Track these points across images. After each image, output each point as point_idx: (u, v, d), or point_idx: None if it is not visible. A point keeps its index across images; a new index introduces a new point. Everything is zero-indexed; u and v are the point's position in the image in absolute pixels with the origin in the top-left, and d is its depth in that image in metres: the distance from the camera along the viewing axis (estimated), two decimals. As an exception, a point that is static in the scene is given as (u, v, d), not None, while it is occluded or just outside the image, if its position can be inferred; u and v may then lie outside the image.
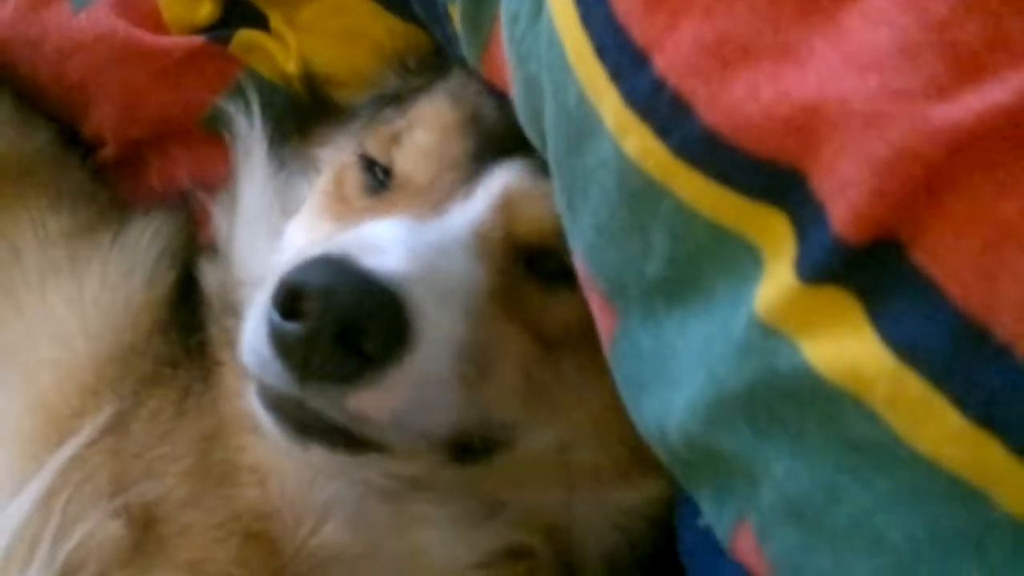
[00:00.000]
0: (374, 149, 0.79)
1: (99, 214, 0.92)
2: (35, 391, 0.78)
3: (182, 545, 0.70)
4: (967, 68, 0.43)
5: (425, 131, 0.77)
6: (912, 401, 0.45)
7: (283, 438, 0.66)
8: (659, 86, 0.51)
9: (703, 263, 0.53)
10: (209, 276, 0.84)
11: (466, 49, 0.73)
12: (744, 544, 0.56)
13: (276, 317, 0.61)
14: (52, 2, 0.99)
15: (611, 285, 0.60)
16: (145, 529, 0.71)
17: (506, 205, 0.71)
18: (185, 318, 0.83)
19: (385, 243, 0.64)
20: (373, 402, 0.62)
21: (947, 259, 0.44)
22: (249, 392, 0.67)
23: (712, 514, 0.59)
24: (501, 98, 0.72)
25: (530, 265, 0.72)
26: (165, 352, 0.80)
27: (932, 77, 0.44)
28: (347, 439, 0.64)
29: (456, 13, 0.73)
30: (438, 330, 0.63)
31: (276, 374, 0.62)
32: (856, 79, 0.45)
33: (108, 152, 0.99)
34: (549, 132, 0.61)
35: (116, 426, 0.75)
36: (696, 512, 0.64)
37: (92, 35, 0.97)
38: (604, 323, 0.62)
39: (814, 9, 0.48)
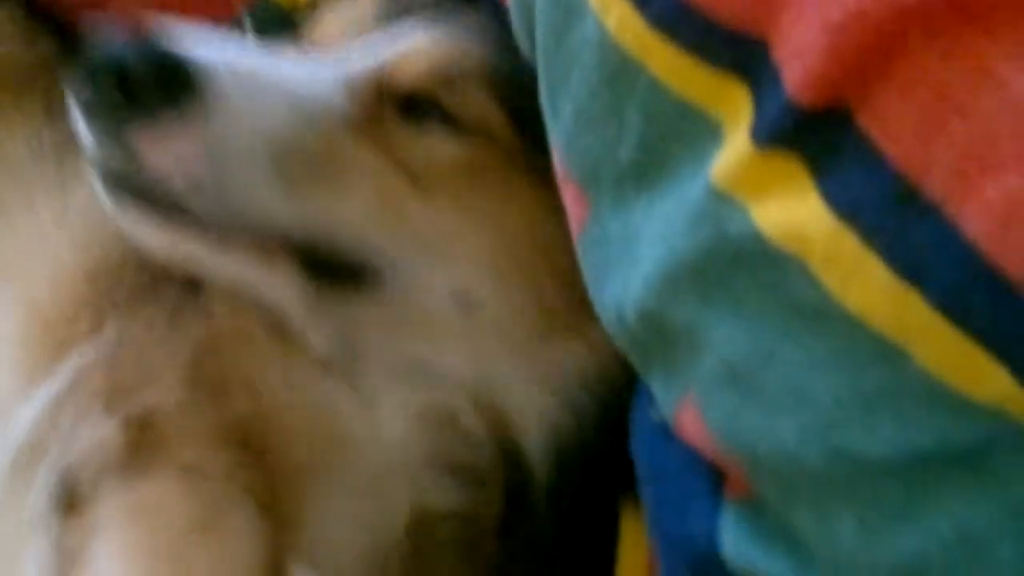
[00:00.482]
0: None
1: None
2: (32, 305, 0.80)
3: (181, 448, 0.73)
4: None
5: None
6: (847, 259, 0.46)
7: (108, 203, 0.70)
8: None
9: (671, 144, 0.55)
10: None
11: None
12: (687, 419, 0.58)
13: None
14: None
15: (585, 173, 0.62)
16: (142, 432, 0.73)
17: (396, 57, 0.76)
18: None
19: (222, 49, 0.69)
20: (152, 147, 0.66)
21: (889, 123, 0.45)
22: None
23: (662, 398, 0.61)
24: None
25: (408, 108, 0.75)
26: (156, 265, 0.81)
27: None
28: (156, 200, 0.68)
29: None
30: (240, 112, 0.67)
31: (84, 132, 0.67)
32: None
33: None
34: (538, 22, 0.63)
35: (114, 337, 0.78)
36: (648, 405, 0.66)
37: None
38: (576, 213, 0.64)
39: None
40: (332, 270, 0.73)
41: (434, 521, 0.78)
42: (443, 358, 0.78)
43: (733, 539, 0.58)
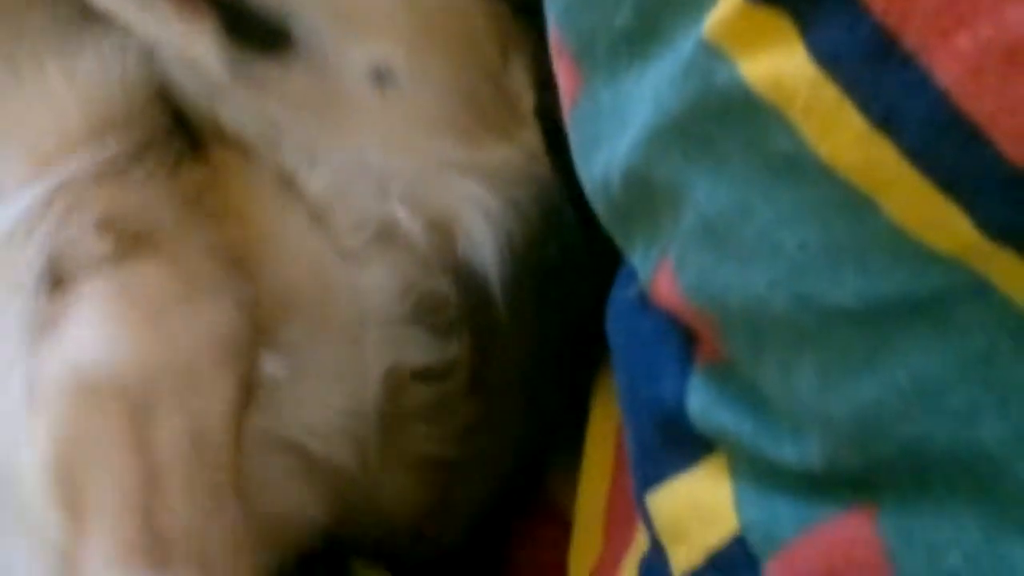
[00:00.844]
0: None
1: None
2: (37, 156, 0.82)
3: (172, 248, 0.75)
4: None
5: None
6: (825, 107, 0.48)
7: None
8: None
9: (667, 7, 0.57)
10: None
11: None
12: (663, 280, 0.60)
13: None
14: None
15: (580, 44, 0.63)
16: (133, 245, 0.76)
17: None
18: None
19: None
20: None
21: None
22: None
23: (640, 267, 0.63)
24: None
25: None
26: (161, 122, 0.85)
27: None
28: None
29: None
30: None
31: None
32: None
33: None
34: None
35: (113, 168, 0.80)
36: (625, 284, 0.68)
37: None
38: (568, 86, 0.65)
39: None
40: (252, 32, 0.75)
41: (406, 381, 0.80)
42: (366, 148, 0.80)
43: (701, 400, 0.60)
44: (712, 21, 0.53)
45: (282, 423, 0.78)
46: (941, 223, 0.46)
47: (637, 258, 0.63)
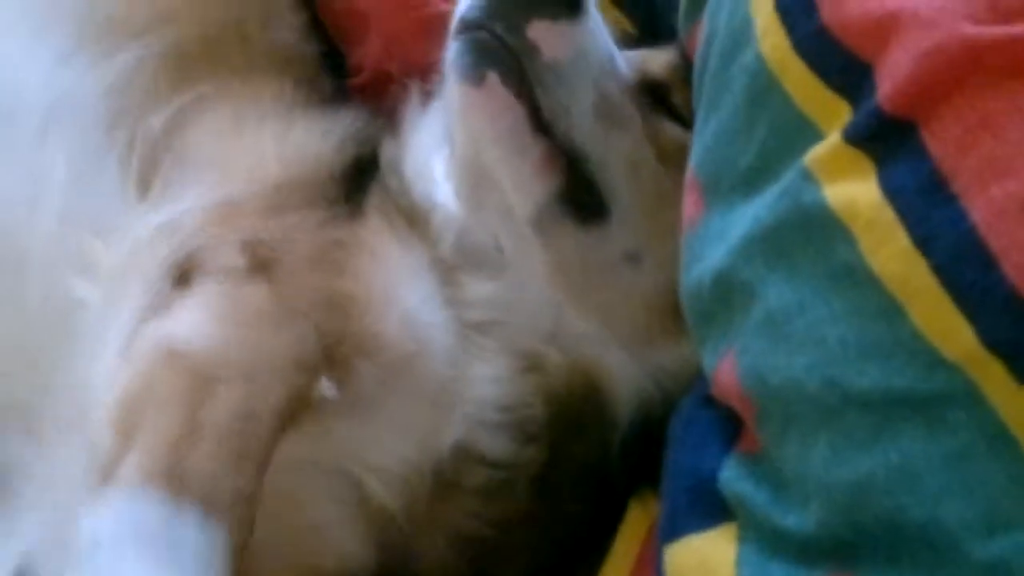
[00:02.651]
0: None
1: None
2: (224, 189, 0.99)
3: (286, 280, 0.90)
4: (1002, 13, 0.61)
5: None
6: (882, 226, 0.61)
7: (464, 71, 0.89)
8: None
9: (784, 153, 0.70)
10: (388, 149, 1.07)
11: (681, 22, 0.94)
12: (725, 368, 0.71)
13: None
14: None
15: (709, 181, 0.77)
16: (259, 268, 0.90)
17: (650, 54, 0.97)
18: (350, 189, 1.03)
19: None
20: (548, 35, 0.87)
21: (941, 135, 0.60)
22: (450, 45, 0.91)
23: (708, 360, 0.75)
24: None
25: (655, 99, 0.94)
26: (333, 191, 1.01)
27: (976, 11, 0.62)
28: (519, 72, 0.87)
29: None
30: (597, 41, 0.89)
31: (477, 4, 0.87)
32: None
33: (359, 79, 1.22)
34: (713, 50, 0.79)
35: (278, 207, 0.97)
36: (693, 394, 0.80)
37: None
38: (691, 214, 0.79)
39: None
40: (579, 197, 0.91)
41: (472, 460, 0.91)
42: (582, 307, 0.94)
43: (731, 472, 0.71)
44: (813, 154, 0.66)
45: (347, 453, 0.89)
46: (951, 331, 0.58)
47: (708, 353, 0.75)
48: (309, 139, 1.05)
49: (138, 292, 0.89)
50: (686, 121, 0.91)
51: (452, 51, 0.91)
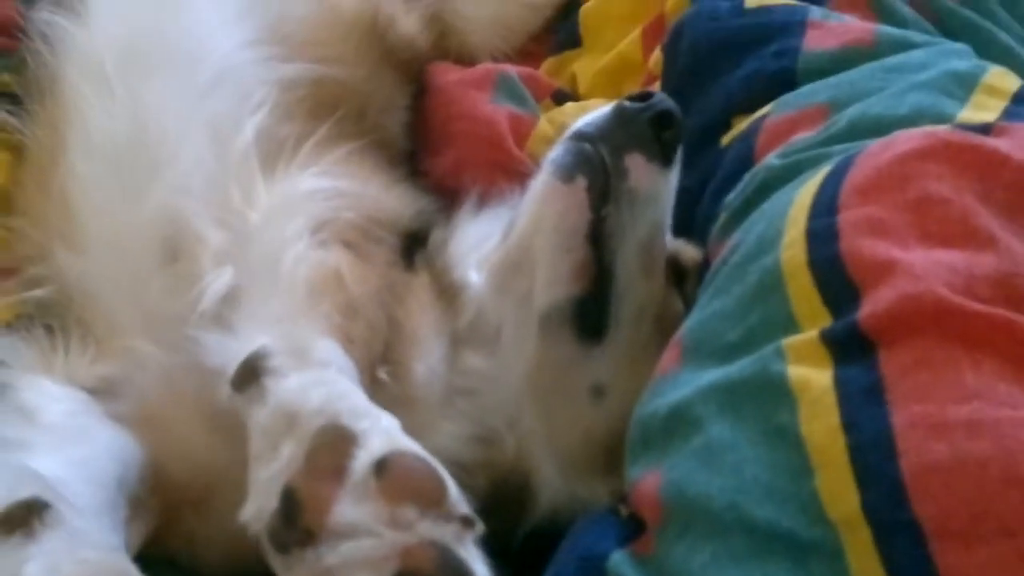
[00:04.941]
0: None
1: None
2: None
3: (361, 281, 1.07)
4: (973, 291, 0.80)
5: None
6: (823, 406, 0.77)
7: (559, 167, 1.07)
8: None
9: (765, 337, 0.86)
10: (439, 233, 1.26)
11: (714, 234, 1.12)
12: (647, 483, 0.86)
13: (628, 102, 1.05)
14: (484, 89, 1.45)
15: (693, 345, 0.93)
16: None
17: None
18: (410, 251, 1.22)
19: None
20: (640, 167, 1.05)
21: (894, 359, 0.77)
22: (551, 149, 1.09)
23: (637, 469, 0.90)
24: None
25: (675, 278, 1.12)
26: (398, 245, 1.20)
27: (955, 283, 0.80)
28: (603, 187, 1.04)
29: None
30: (669, 195, 1.09)
31: (595, 124, 1.04)
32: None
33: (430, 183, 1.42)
34: (734, 257, 0.96)
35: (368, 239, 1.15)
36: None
37: (484, 117, 1.42)
38: (666, 365, 0.95)
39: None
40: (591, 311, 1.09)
41: None
42: (540, 411, 1.10)
43: (621, 561, 0.85)
44: (790, 341, 0.84)
45: None
46: (843, 496, 0.73)
47: (636, 467, 0.90)
48: (401, 199, 1.25)
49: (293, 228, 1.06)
50: (688, 305, 1.08)
51: (556, 151, 1.10)
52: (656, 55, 1.39)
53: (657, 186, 1.10)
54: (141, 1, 1.26)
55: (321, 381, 0.86)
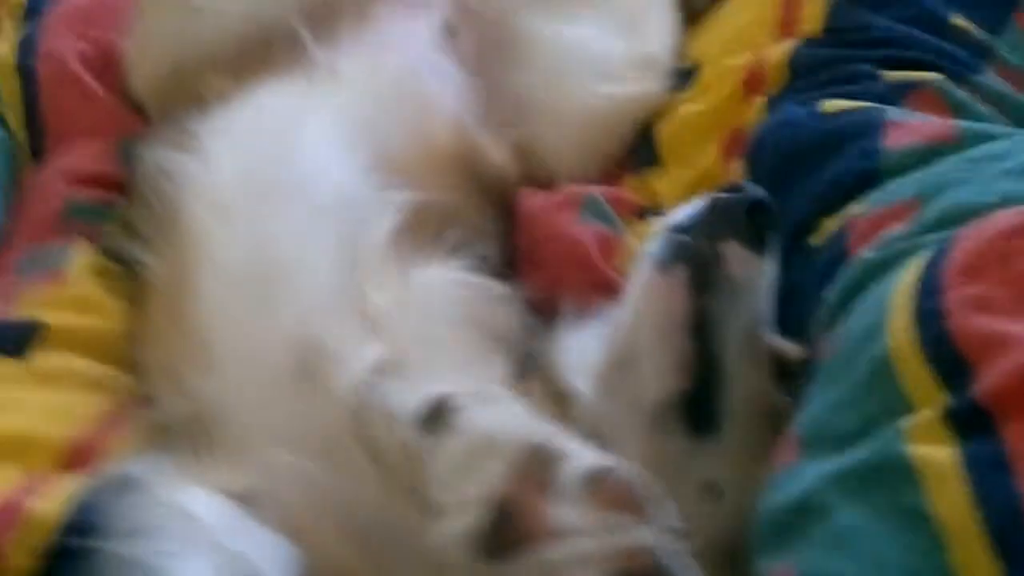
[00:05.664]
0: None
1: None
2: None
3: None
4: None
5: None
6: (950, 482, 0.79)
7: (657, 260, 1.10)
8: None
9: (883, 424, 0.89)
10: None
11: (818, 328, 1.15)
12: (780, 571, 0.88)
13: (721, 194, 1.09)
14: (570, 211, 1.49)
15: (810, 438, 0.95)
16: None
17: None
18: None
19: None
20: (737, 255, 1.08)
21: (1015, 431, 0.80)
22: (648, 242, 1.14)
23: (769, 560, 0.91)
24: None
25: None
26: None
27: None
28: (702, 275, 1.07)
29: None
30: (766, 284, 1.13)
31: (690, 216, 1.08)
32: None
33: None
34: (840, 351, 0.99)
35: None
36: None
37: (571, 237, 1.45)
38: (785, 458, 0.97)
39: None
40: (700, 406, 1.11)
41: None
42: None
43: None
44: (910, 422, 0.85)
45: None
46: (981, 569, 0.75)
47: (766, 559, 0.92)
48: (510, 312, 1.30)
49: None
50: (796, 401, 1.10)
51: (653, 244, 1.14)
52: (738, 166, 1.42)
53: (754, 273, 1.12)
54: (256, 135, 1.34)
55: (514, 411, 0.88)
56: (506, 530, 0.79)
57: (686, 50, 1.72)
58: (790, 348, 1.16)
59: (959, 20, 1.43)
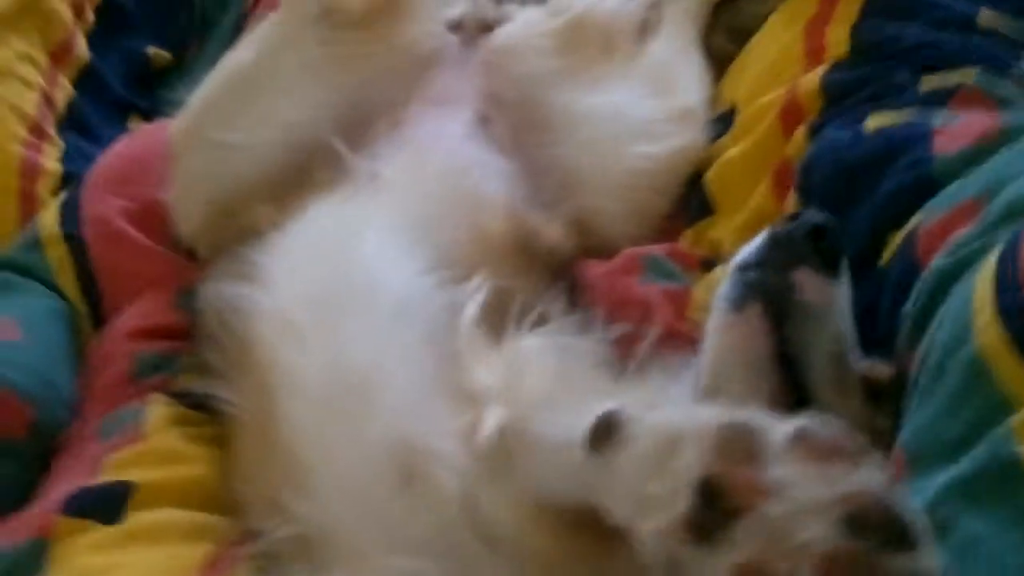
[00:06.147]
0: None
1: None
2: None
3: None
4: None
5: None
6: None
7: (730, 300, 1.10)
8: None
9: (985, 428, 0.86)
10: None
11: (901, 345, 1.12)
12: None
13: (779, 226, 1.10)
14: (632, 274, 1.49)
15: (915, 455, 0.93)
16: None
17: None
18: None
19: None
20: (808, 281, 1.07)
21: None
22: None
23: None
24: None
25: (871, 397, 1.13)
26: None
27: None
28: (776, 310, 1.07)
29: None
30: (843, 304, 1.11)
31: (753, 252, 1.08)
32: None
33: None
34: (929, 362, 0.98)
35: None
36: None
37: (638, 299, 1.44)
38: (895, 475, 0.95)
39: None
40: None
41: None
42: None
43: None
44: (1014, 421, 0.83)
45: None
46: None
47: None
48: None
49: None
50: (892, 420, 1.08)
51: (723, 288, 1.13)
52: (792, 198, 1.41)
53: (829, 297, 1.11)
54: (314, 253, 1.34)
55: (688, 407, 0.86)
56: (719, 505, 0.76)
57: (720, 96, 1.73)
58: (879, 368, 1.14)
59: (987, 15, 1.42)
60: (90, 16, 2.01)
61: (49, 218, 1.65)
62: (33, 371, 1.43)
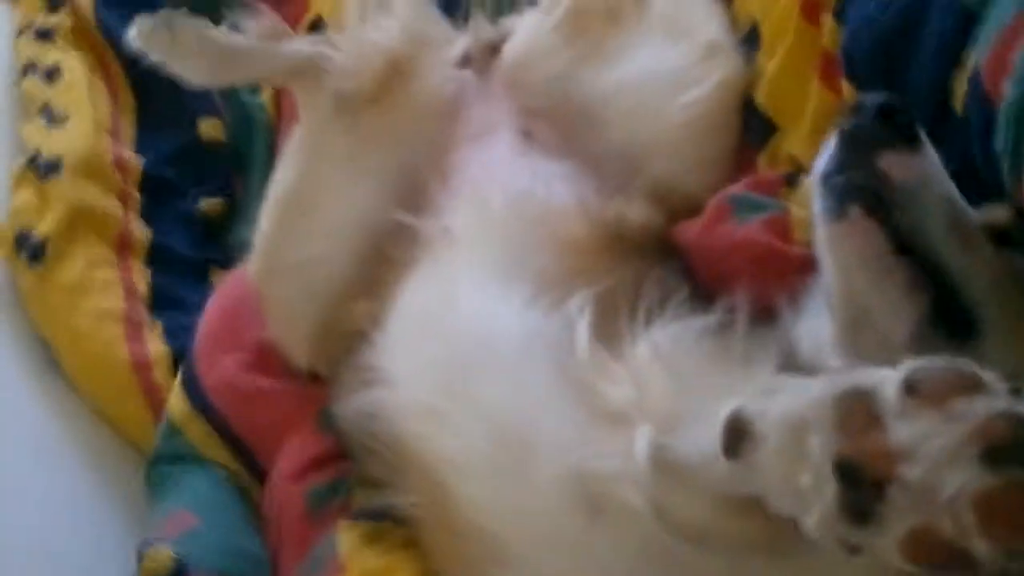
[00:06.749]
0: None
1: None
2: None
3: None
4: None
5: None
6: None
7: (827, 212, 1.07)
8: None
9: None
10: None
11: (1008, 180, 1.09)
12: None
13: (844, 124, 1.07)
14: (725, 219, 1.46)
15: None
16: None
17: None
18: None
19: None
20: (895, 162, 1.04)
21: None
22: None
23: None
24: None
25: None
26: None
27: None
28: (876, 202, 1.04)
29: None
30: (937, 167, 1.08)
31: (830, 158, 1.07)
32: None
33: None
34: None
35: None
36: None
37: (743, 241, 1.42)
38: None
39: None
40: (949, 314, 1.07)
41: None
42: None
43: None
44: None
45: None
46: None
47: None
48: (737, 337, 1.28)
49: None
50: None
51: (816, 203, 1.10)
52: (846, 87, 1.39)
53: (920, 169, 1.08)
54: (422, 331, 1.38)
55: (800, 384, 0.86)
56: (861, 482, 0.76)
57: (737, 17, 1.70)
58: (996, 212, 1.11)
59: None
60: (136, 195, 2.07)
61: (176, 401, 1.70)
62: (222, 549, 1.48)
